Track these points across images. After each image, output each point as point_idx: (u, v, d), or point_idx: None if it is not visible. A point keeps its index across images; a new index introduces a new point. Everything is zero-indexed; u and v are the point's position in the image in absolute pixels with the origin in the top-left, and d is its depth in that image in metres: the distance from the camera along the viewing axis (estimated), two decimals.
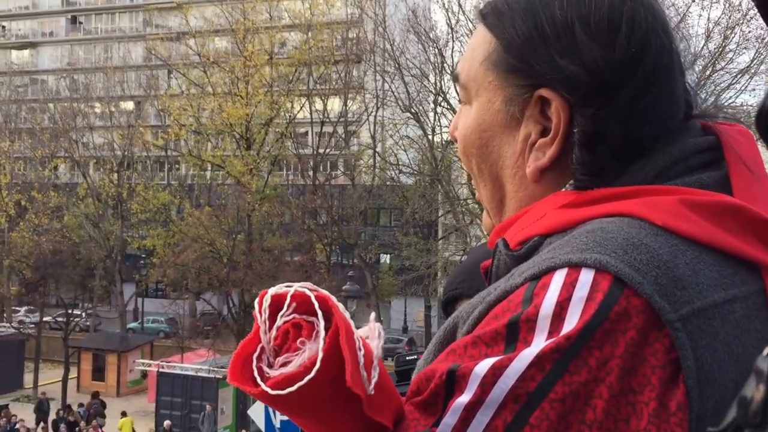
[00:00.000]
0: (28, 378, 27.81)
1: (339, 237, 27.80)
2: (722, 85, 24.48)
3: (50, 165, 33.80)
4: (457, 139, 0.83)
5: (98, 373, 26.92)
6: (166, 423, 20.09)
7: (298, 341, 0.62)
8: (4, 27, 51.00)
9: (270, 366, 0.63)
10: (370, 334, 0.70)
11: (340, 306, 0.64)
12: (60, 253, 30.03)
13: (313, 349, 0.61)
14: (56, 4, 49.62)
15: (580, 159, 0.71)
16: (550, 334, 0.59)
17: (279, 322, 0.63)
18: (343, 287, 21.49)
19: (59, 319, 29.42)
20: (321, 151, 29.20)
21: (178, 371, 22.64)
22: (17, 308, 34.32)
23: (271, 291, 0.65)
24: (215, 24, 31.19)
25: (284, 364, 0.62)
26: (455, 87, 0.91)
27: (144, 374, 26.16)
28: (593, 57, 0.69)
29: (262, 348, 0.64)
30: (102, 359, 27.05)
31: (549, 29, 0.71)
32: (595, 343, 0.57)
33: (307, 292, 0.63)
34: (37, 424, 21.32)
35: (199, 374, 21.96)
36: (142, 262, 30.73)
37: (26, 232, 30.41)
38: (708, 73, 24.30)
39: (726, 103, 24.87)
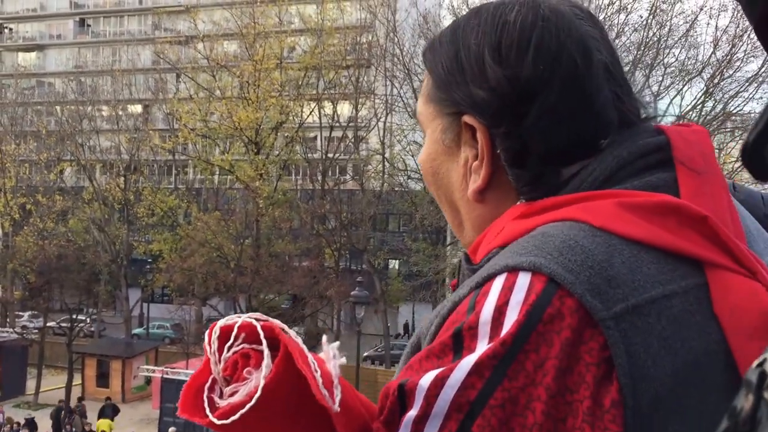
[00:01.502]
0: (30, 384, 27.50)
1: (348, 242, 27.54)
2: (730, 93, 24.38)
3: (56, 168, 33.64)
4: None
5: (102, 379, 26.59)
6: (171, 430, 19.75)
7: (245, 371, 0.65)
8: (11, 29, 51.08)
9: (221, 396, 0.66)
10: (326, 357, 0.72)
11: (291, 333, 0.68)
12: (65, 258, 29.82)
13: (258, 378, 0.64)
14: (64, 6, 49.69)
15: (512, 174, 0.76)
16: (491, 340, 0.61)
17: (227, 353, 0.66)
18: (352, 293, 21.21)
19: (63, 324, 29.13)
20: (330, 155, 28.98)
21: (182, 377, 22.31)
22: (20, 313, 34.08)
23: (220, 323, 0.68)
24: (224, 28, 31.09)
25: (232, 394, 0.65)
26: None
27: (148, 380, 25.82)
28: (498, 80, 0.74)
29: (214, 379, 0.67)
30: (106, 365, 26.72)
31: (465, 60, 0.77)
32: (530, 347, 0.59)
33: (254, 323, 0.67)
34: (55, 430, 21.07)
35: None
36: (148, 266, 30.51)
37: (31, 236, 30.21)
38: (716, 81, 24.16)
39: (734, 111, 24.89)
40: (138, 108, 37.26)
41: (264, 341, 0.64)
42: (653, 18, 23.85)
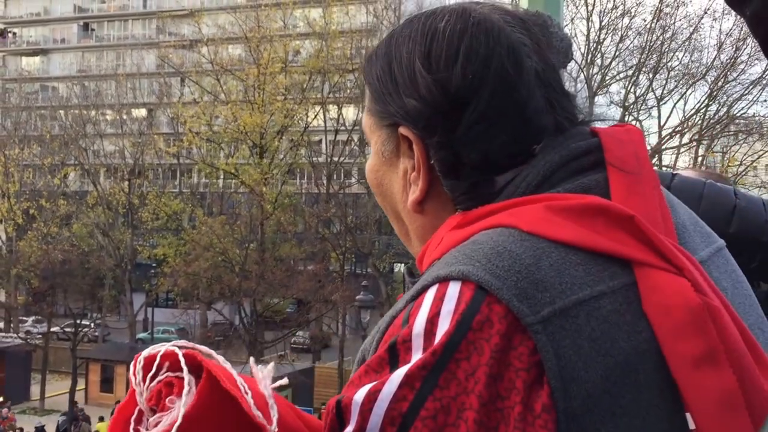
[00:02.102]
0: (34, 389, 27.39)
1: (353, 246, 27.44)
2: (734, 96, 24.31)
3: (60, 173, 33.60)
4: None
5: (106, 384, 26.50)
6: None
7: (167, 399, 0.66)
8: (15, 33, 51.19)
9: (147, 429, 0.66)
10: (255, 378, 0.72)
11: (219, 358, 0.68)
12: (69, 263, 29.74)
13: (180, 406, 0.65)
14: (68, 10, 49.78)
15: (447, 185, 0.75)
16: (425, 351, 0.60)
17: (150, 383, 0.66)
18: (357, 297, 21.09)
19: (67, 329, 29.07)
20: (335, 159, 28.91)
21: None
22: (24, 318, 34.01)
23: (144, 353, 0.68)
24: (229, 32, 31.06)
25: (156, 424, 0.66)
26: None
27: None
28: (429, 89, 0.73)
29: (140, 411, 0.67)
30: (110, 370, 26.62)
31: (397, 70, 0.77)
32: (461, 355, 0.59)
33: (176, 350, 0.67)
34: None
35: None
36: (152, 271, 30.38)
37: (35, 240, 30.14)
38: (720, 84, 24.08)
39: (738, 114, 24.82)
40: (142, 112, 37.20)
41: (185, 369, 0.63)
42: (657, 22, 23.79)
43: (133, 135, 33.51)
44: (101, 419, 20.91)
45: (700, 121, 24.99)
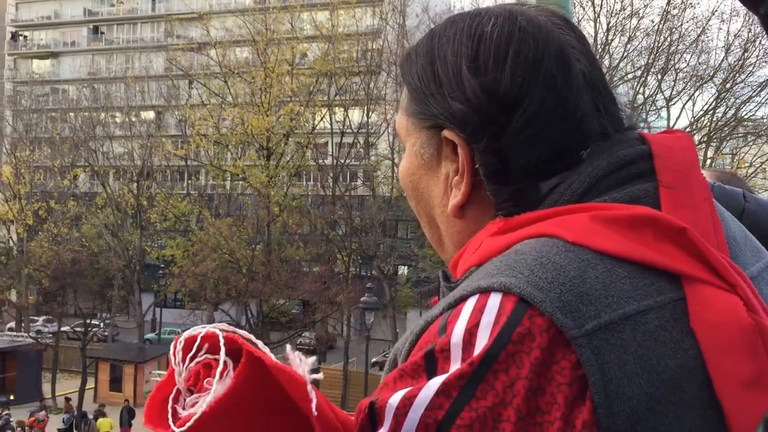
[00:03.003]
0: (45, 388, 27.75)
1: (358, 248, 27.59)
2: (742, 98, 24.25)
3: (70, 174, 33.93)
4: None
5: (115, 383, 26.80)
6: None
7: (205, 381, 0.66)
8: (26, 37, 51.67)
9: (184, 407, 0.66)
10: (293, 364, 0.72)
11: (259, 343, 0.68)
12: (79, 263, 30.05)
13: (218, 388, 0.64)
14: (78, 14, 50.20)
15: (491, 190, 0.74)
16: (463, 362, 0.60)
17: (190, 363, 0.67)
18: (362, 299, 21.25)
19: (77, 329, 29.38)
20: (341, 161, 29.08)
21: None
22: (35, 318, 34.38)
23: (185, 334, 0.68)
24: (236, 35, 31.27)
25: (193, 404, 0.65)
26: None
27: None
28: (476, 93, 0.72)
29: (178, 390, 0.67)
30: (119, 370, 26.94)
31: (441, 71, 0.75)
32: (500, 366, 0.58)
33: (217, 332, 0.67)
34: None
35: None
36: (160, 272, 30.66)
37: (45, 241, 30.47)
38: (728, 86, 24.03)
39: (747, 116, 24.76)
40: (151, 114, 37.53)
41: (223, 350, 0.63)
42: (664, 23, 23.80)
43: (141, 137, 33.82)
44: (103, 415, 21.30)
45: (708, 123, 24.96)
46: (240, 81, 29.54)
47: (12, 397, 26.60)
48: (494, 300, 0.61)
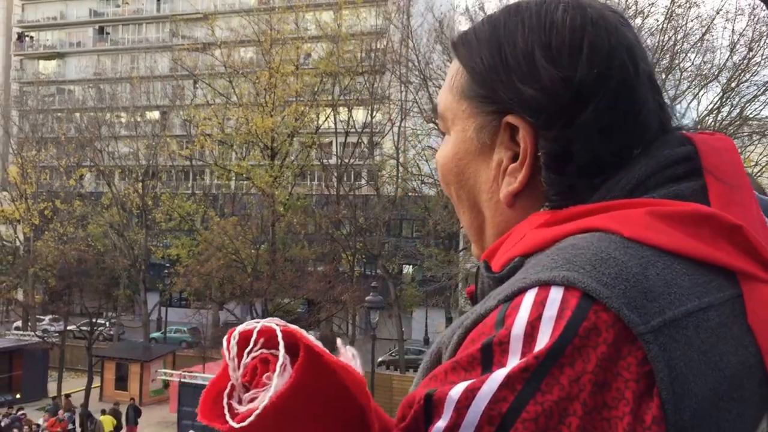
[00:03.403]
0: (51, 387, 27.88)
1: (363, 248, 27.65)
2: (747, 97, 24.18)
3: (75, 174, 34.09)
4: (438, 168, 0.86)
5: (121, 382, 26.90)
6: None
7: (264, 376, 0.64)
8: (32, 37, 51.93)
9: (240, 403, 0.65)
10: (344, 358, 0.71)
11: (312, 338, 0.66)
12: (84, 262, 30.17)
13: (278, 382, 0.63)
14: (84, 14, 50.43)
15: (548, 180, 0.73)
16: (523, 355, 0.60)
17: (246, 359, 0.65)
18: (366, 298, 21.30)
19: (83, 328, 29.51)
20: (345, 161, 29.13)
21: (200, 381, 22.51)
22: (41, 317, 34.53)
23: (239, 328, 0.67)
24: (241, 35, 31.37)
25: (252, 400, 0.64)
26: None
27: (166, 384, 26.09)
28: (552, 80, 0.72)
29: (233, 385, 0.66)
30: (125, 368, 27.04)
31: (511, 57, 0.74)
32: (566, 360, 0.58)
33: (274, 327, 0.65)
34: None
35: None
36: (166, 271, 30.80)
37: (51, 241, 30.61)
38: (733, 85, 23.97)
39: (752, 115, 24.69)
40: (156, 114, 37.69)
41: (282, 345, 0.63)
42: (669, 22, 23.76)
43: (146, 137, 33.98)
44: (103, 412, 21.45)
45: (713, 123, 24.94)
46: (245, 81, 29.64)
47: (18, 396, 26.75)
48: (556, 294, 0.60)
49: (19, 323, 34.23)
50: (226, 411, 0.63)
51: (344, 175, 29.50)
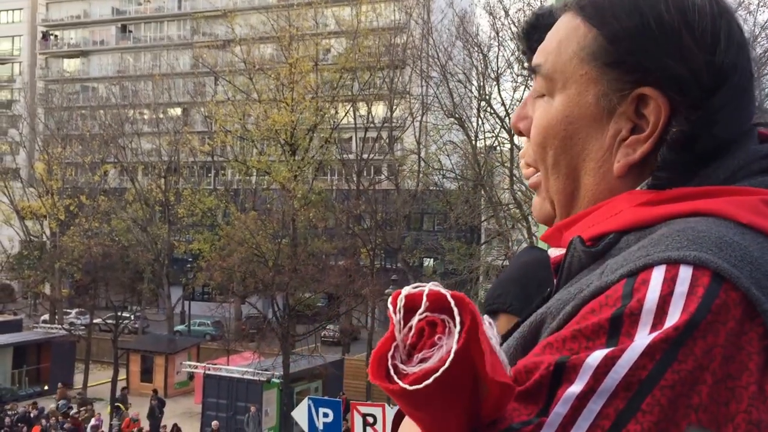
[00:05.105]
0: (78, 378, 28.45)
1: (383, 242, 27.80)
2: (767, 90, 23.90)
3: (100, 170, 34.61)
4: (526, 129, 0.86)
5: (146, 374, 27.38)
6: (214, 423, 20.32)
7: (435, 337, 0.64)
8: (56, 36, 52.71)
9: (404, 363, 0.65)
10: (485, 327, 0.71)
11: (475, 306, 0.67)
12: (109, 257, 30.64)
13: (450, 344, 0.63)
14: (107, 13, 51.09)
15: (667, 158, 0.74)
16: (654, 327, 0.62)
17: (415, 319, 0.65)
18: (386, 291, 21.46)
19: (109, 321, 30.04)
20: (365, 156, 29.26)
21: (224, 373, 22.89)
22: (68, 310, 35.18)
23: (405, 291, 0.67)
24: (261, 31, 31.59)
25: (423, 360, 0.64)
26: (532, 77, 0.89)
27: (191, 376, 26.53)
28: (699, 62, 0.73)
29: (396, 346, 0.66)
30: (150, 361, 27.51)
31: (656, 29, 0.74)
32: (699, 334, 0.61)
33: (442, 290, 0.65)
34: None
35: (244, 377, 22.18)
36: (188, 265, 31.18)
37: (76, 236, 31.14)
38: (755, 77, 23.66)
39: None
40: (177, 111, 38.09)
41: (455, 308, 0.63)
42: None
43: (168, 133, 34.38)
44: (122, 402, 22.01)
45: None
46: (264, 77, 29.88)
47: (45, 387, 27.38)
48: (686, 272, 0.64)
49: (46, 316, 34.95)
50: (392, 372, 0.64)
51: (364, 170, 29.61)
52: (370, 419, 8.12)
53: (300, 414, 9.51)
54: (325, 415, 9.09)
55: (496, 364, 0.64)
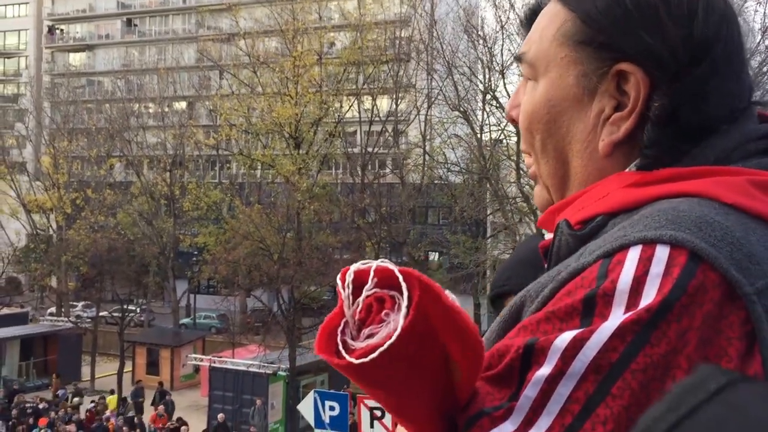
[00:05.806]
0: (84, 371, 28.64)
1: (388, 235, 27.80)
2: None
3: (105, 164, 34.71)
4: (518, 116, 0.85)
5: (152, 367, 27.52)
6: (220, 416, 20.40)
7: (382, 313, 0.64)
8: (62, 30, 52.81)
9: (353, 339, 0.65)
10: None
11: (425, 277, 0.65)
12: (115, 250, 30.76)
13: (398, 319, 0.62)
14: (112, 7, 51.13)
15: (652, 136, 0.73)
16: (628, 308, 0.60)
17: (363, 295, 0.65)
18: None
19: (115, 314, 30.21)
20: (370, 149, 29.24)
21: (229, 366, 22.98)
22: (75, 303, 35.35)
23: (354, 267, 0.66)
24: (265, 25, 31.55)
25: (370, 336, 0.64)
26: (518, 66, 0.89)
27: (197, 369, 26.64)
28: (675, 36, 0.71)
29: (346, 322, 0.66)
30: (156, 353, 27.66)
31: (632, 6, 0.73)
32: (673, 317, 0.59)
33: (390, 266, 0.65)
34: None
35: (250, 369, 22.27)
36: (194, 259, 31.25)
37: (83, 229, 31.25)
38: (765, 69, 23.55)
39: None
40: (182, 105, 38.14)
41: (404, 283, 0.62)
42: None
43: (173, 127, 34.42)
44: (112, 392, 22.40)
45: None
46: (269, 71, 29.84)
47: (55, 377, 27.55)
48: (662, 252, 0.61)
49: (53, 309, 35.11)
50: (340, 347, 0.63)
51: (368, 164, 29.58)
52: (378, 413, 8.13)
53: (306, 407, 9.54)
54: (332, 408, 9.12)
55: (475, 328, 0.64)
